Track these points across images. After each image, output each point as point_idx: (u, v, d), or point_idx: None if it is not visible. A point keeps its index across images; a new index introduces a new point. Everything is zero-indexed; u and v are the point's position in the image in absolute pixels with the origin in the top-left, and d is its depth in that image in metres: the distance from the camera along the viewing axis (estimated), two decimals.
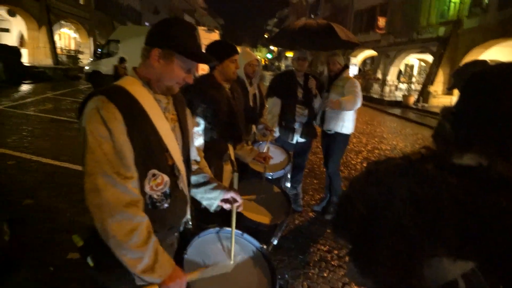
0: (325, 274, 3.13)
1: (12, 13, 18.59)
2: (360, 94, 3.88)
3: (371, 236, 0.85)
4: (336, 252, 3.50)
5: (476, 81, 0.85)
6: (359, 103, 3.87)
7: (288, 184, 3.29)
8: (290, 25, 4.61)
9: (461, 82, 0.94)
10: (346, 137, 4.16)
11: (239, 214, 2.06)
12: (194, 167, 1.70)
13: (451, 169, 0.79)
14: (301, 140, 4.08)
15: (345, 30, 4.21)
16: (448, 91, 11.53)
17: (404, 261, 0.79)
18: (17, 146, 6.20)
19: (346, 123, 4.05)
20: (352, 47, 4.62)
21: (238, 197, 1.70)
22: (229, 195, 1.68)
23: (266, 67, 62.60)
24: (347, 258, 3.01)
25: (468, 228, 0.72)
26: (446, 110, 0.91)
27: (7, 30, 21.30)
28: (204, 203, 1.72)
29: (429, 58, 19.57)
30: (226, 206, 1.70)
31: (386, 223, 0.82)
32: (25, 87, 14.69)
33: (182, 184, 1.45)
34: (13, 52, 16.52)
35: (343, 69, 4.09)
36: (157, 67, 1.31)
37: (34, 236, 3.28)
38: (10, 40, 21.19)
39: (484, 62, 2.79)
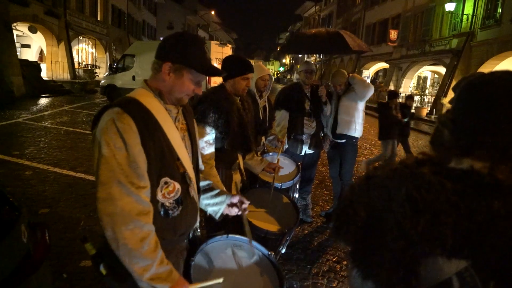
0: (334, 285, 3.12)
1: (33, 30, 19.28)
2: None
3: (372, 239, 0.87)
4: (345, 262, 3.49)
5: (475, 89, 0.86)
6: (371, 87, 3.98)
7: (297, 195, 3.31)
8: (302, 33, 4.77)
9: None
10: (356, 141, 4.24)
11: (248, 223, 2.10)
12: None
13: (447, 173, 0.82)
14: (310, 151, 4.12)
15: (356, 38, 4.32)
16: None
17: (404, 262, 0.81)
18: (34, 157, 6.40)
19: (358, 126, 4.13)
20: (362, 53, 4.72)
21: (244, 200, 1.72)
22: (236, 199, 1.72)
23: (278, 80, 62.97)
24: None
25: (463, 230, 0.75)
26: (444, 117, 0.92)
27: (28, 46, 22.10)
28: (209, 210, 1.74)
29: (442, 70, 19.42)
30: (233, 211, 1.72)
31: (386, 225, 0.84)
32: (43, 100, 15.13)
33: (193, 191, 1.49)
34: (33, 67, 17.17)
35: (349, 84, 4.16)
36: (168, 80, 1.37)
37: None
38: (30, 55, 21.99)
39: (493, 72, 2.79)
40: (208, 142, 2.30)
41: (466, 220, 0.75)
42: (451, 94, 17.33)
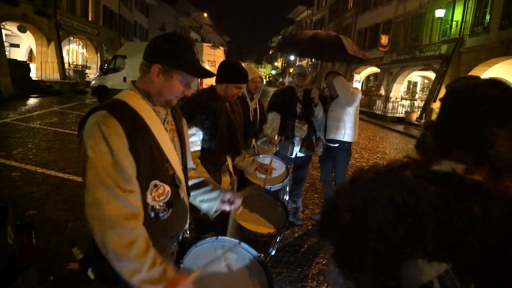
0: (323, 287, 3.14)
1: (23, 29, 19.03)
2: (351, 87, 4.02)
3: (355, 241, 0.88)
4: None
5: (454, 95, 0.93)
6: (356, 96, 3.96)
7: (287, 197, 3.33)
8: (300, 34, 4.78)
9: None
10: (349, 145, 4.25)
11: (236, 225, 2.10)
12: (190, 173, 1.72)
13: (428, 176, 0.84)
14: (300, 154, 4.14)
15: (353, 44, 4.36)
16: None
17: (386, 264, 0.82)
18: (22, 158, 6.30)
19: (348, 131, 4.13)
20: (360, 61, 4.76)
21: (237, 197, 1.71)
22: (228, 195, 1.70)
23: (270, 83, 63.10)
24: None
25: (443, 233, 0.76)
26: (429, 121, 0.97)
27: (17, 46, 21.80)
28: (204, 206, 1.72)
29: (432, 75, 19.69)
30: (226, 207, 1.71)
31: (368, 228, 0.85)
32: (32, 101, 14.92)
33: (183, 193, 1.47)
34: (22, 67, 16.93)
35: None
36: (157, 82, 1.35)
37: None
38: (19, 55, 21.69)
39: (476, 78, 2.87)
40: (195, 143, 2.29)
41: (447, 224, 0.76)
42: (441, 96, 17.60)
